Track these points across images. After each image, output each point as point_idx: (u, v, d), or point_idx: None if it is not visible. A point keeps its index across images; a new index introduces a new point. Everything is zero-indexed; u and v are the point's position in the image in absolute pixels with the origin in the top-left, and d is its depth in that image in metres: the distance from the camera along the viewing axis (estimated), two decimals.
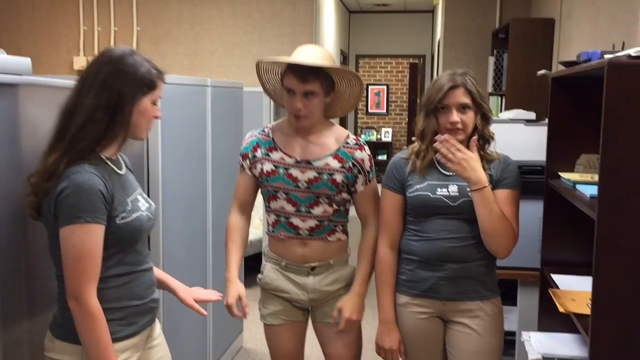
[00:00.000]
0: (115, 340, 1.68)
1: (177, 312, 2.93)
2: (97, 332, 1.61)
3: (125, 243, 1.71)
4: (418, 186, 2.13)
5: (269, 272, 2.33)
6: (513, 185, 2.12)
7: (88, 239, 1.59)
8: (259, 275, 2.37)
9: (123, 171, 1.80)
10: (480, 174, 2.01)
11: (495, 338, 2.14)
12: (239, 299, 2.24)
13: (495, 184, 2.10)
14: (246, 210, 2.37)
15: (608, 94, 1.66)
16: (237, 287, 2.26)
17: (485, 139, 2.16)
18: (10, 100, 1.77)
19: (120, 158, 1.83)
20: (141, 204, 1.79)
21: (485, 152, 2.16)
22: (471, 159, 2.01)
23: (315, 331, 2.38)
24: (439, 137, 2.05)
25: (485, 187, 2.00)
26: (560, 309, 2.04)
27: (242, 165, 2.32)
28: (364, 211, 2.30)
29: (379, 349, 2.25)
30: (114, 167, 1.75)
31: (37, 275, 1.86)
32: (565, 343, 2.50)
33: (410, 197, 2.14)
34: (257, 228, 5.27)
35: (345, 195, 2.26)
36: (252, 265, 5.64)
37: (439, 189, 2.10)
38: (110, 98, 1.66)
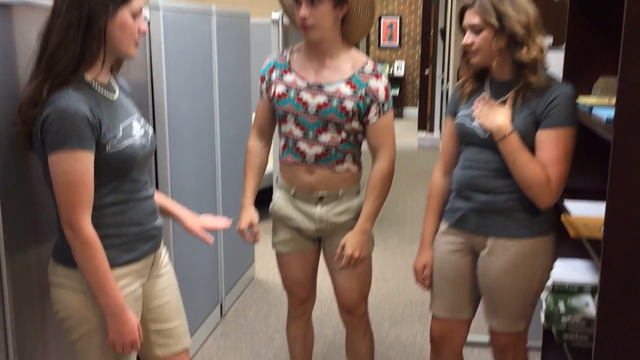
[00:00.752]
0: (114, 265, 1.68)
1: (187, 244, 2.95)
2: (94, 260, 1.60)
3: (118, 172, 1.67)
4: (461, 113, 2.08)
5: (279, 199, 2.33)
6: (558, 122, 1.90)
7: (77, 166, 1.56)
8: (271, 202, 2.37)
9: (115, 96, 1.73)
10: (499, 122, 1.90)
11: (520, 279, 2.01)
12: (251, 225, 2.25)
13: (536, 121, 1.92)
14: (265, 135, 2.34)
15: (628, 14, 1.58)
16: (250, 213, 2.27)
17: (520, 64, 1.95)
18: (4, 21, 1.71)
19: (113, 82, 1.76)
20: (135, 131, 1.72)
21: (528, 79, 1.94)
22: (492, 108, 1.93)
23: (325, 260, 2.38)
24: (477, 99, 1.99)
25: (506, 136, 1.90)
26: (572, 234, 2.00)
27: (260, 90, 2.29)
28: (375, 143, 2.21)
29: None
30: (105, 91, 1.69)
31: (42, 204, 1.84)
32: (576, 269, 2.49)
33: (455, 123, 2.11)
34: (271, 161, 5.23)
35: (355, 124, 2.18)
36: (262, 199, 5.70)
37: (475, 119, 2.03)
38: (82, 14, 1.57)
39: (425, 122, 9.55)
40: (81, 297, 1.68)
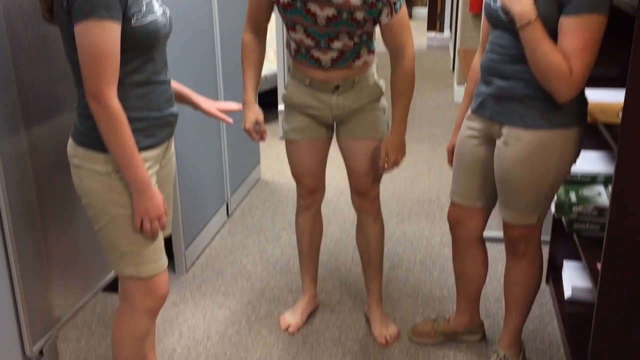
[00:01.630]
0: (138, 150, 1.66)
1: (191, 144, 2.89)
2: (120, 133, 1.59)
3: (143, 48, 1.64)
4: None
5: (292, 87, 2.26)
6: (583, 8, 1.71)
7: (104, 36, 1.53)
8: (284, 91, 2.30)
9: None
10: (522, 6, 1.74)
11: (532, 171, 1.90)
12: (257, 123, 2.19)
13: (560, 5, 1.76)
14: (260, 29, 2.22)
15: None
16: (254, 111, 2.20)
17: None
18: None
19: None
20: (156, 8, 1.69)
21: None
22: None
23: (340, 146, 2.33)
24: None
25: (530, 23, 1.74)
26: (588, 120, 1.92)
27: None
28: (392, 43, 2.09)
29: None
30: None
31: (58, 77, 1.77)
32: (588, 160, 2.42)
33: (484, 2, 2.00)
34: (272, 62, 5.09)
35: (368, 27, 2.08)
36: (268, 100, 5.63)
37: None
38: None
39: (435, 22, 9.25)
40: (105, 179, 1.66)
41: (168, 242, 2.88)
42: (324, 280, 2.87)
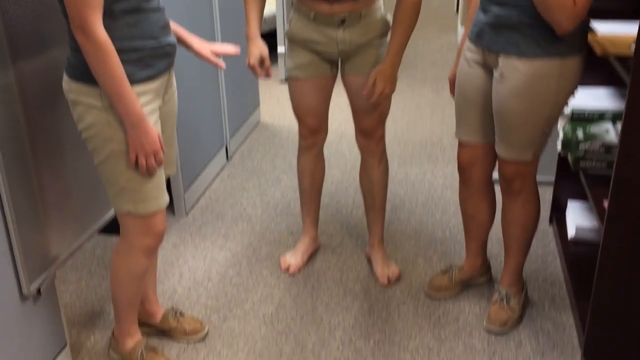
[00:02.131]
0: (134, 82, 1.61)
1: (188, 85, 2.82)
2: (109, 65, 1.52)
3: None
4: None
5: (297, 22, 2.18)
6: None
7: None
8: (288, 26, 2.22)
9: None
10: None
11: (528, 104, 1.84)
12: (262, 58, 2.11)
13: None
14: None
15: None
16: (259, 46, 2.12)
17: None
18: None
19: None
20: None
21: None
22: None
23: (345, 84, 2.26)
24: None
25: None
26: (599, 52, 1.84)
27: None
28: None
29: None
30: None
31: (45, 13, 1.69)
32: (596, 97, 2.36)
33: None
34: (271, 3, 4.95)
35: None
36: (267, 43, 5.47)
37: None
38: None
39: None
40: (102, 114, 1.61)
41: (167, 184, 2.84)
42: (325, 222, 2.85)
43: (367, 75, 2.17)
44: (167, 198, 1.79)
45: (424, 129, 3.87)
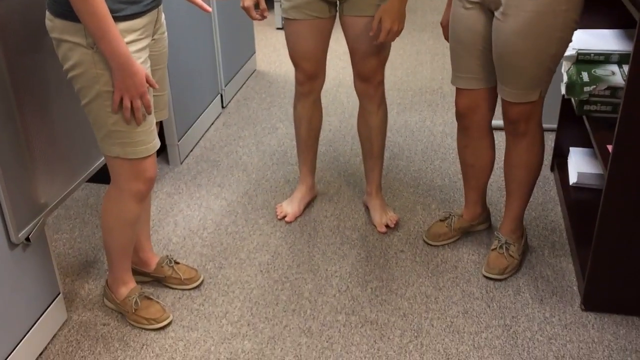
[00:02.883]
0: (121, 18, 1.53)
1: (181, 31, 2.72)
2: (91, 1, 1.44)
3: None
4: None
5: None
6: None
7: None
8: None
9: None
10: None
11: (534, 41, 1.76)
12: (256, 0, 2.03)
13: None
14: None
15: None
16: None
17: None
18: None
19: None
20: None
21: None
22: None
23: (343, 26, 2.16)
24: None
25: None
26: None
27: None
28: None
29: None
30: None
31: None
32: (602, 38, 2.27)
33: None
34: None
35: None
36: None
37: None
38: None
39: None
40: (88, 52, 1.54)
41: (160, 133, 2.78)
42: (322, 170, 2.80)
43: (369, 15, 2.07)
44: (157, 142, 1.73)
45: (424, 76, 3.78)
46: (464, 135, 2.13)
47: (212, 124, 3.25)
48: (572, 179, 2.47)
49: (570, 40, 1.83)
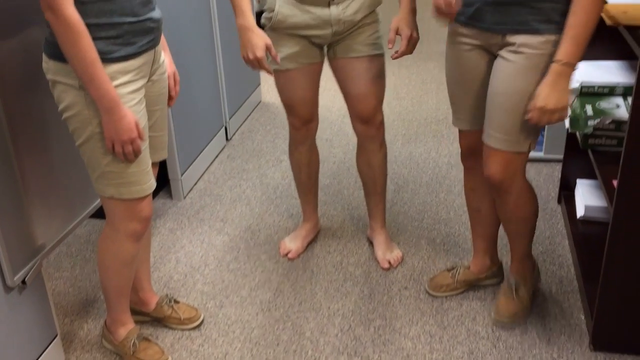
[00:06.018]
0: (113, 60, 1.54)
1: (185, 64, 2.72)
2: (79, 45, 1.45)
3: None
4: None
5: (282, 8, 2.01)
6: None
7: None
8: (267, 15, 2.06)
9: None
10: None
11: (534, 83, 1.66)
12: (268, 47, 1.92)
13: None
14: None
15: None
16: (261, 36, 1.92)
17: None
18: None
19: None
20: None
21: None
22: None
23: (336, 69, 2.14)
24: None
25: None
26: (608, 22, 1.74)
27: None
28: None
29: None
30: None
31: None
32: (606, 71, 2.24)
33: None
34: None
35: None
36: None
37: None
38: None
39: None
40: (80, 94, 1.54)
41: (163, 167, 2.78)
42: (326, 204, 2.77)
43: (365, 55, 2.06)
44: (153, 183, 1.71)
45: (429, 106, 3.76)
46: (470, 176, 2.05)
47: (217, 156, 3.24)
48: (580, 212, 2.43)
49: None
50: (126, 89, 1.57)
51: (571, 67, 1.61)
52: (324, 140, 3.36)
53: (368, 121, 2.19)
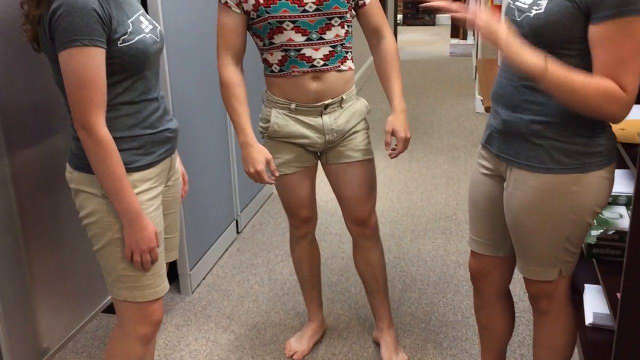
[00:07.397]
0: (134, 169, 1.63)
1: (198, 159, 2.82)
2: (108, 162, 1.54)
3: (132, 69, 1.60)
4: None
5: (276, 118, 2.09)
6: (619, 10, 1.39)
7: (88, 63, 1.49)
8: (263, 124, 2.14)
9: None
10: (527, 60, 1.44)
11: (541, 220, 1.64)
12: (268, 162, 2.00)
13: (586, 15, 1.44)
14: (240, 58, 2.05)
15: None
16: (262, 151, 2.00)
17: None
18: None
19: None
20: (144, 26, 1.65)
21: None
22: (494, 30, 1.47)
23: (329, 174, 2.21)
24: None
25: (543, 77, 1.44)
26: None
27: (224, 3, 1.96)
28: (376, 23, 2.10)
29: None
30: None
31: (43, 104, 1.71)
32: None
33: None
34: None
35: (352, 12, 2.04)
36: None
37: None
38: None
39: (458, 29, 9.09)
40: (102, 202, 1.62)
41: (173, 262, 2.80)
42: (332, 302, 2.76)
43: (357, 160, 2.13)
44: (166, 286, 1.76)
45: (439, 201, 3.80)
46: (478, 297, 2.02)
47: (226, 250, 3.27)
48: (588, 319, 2.40)
49: (591, 224, 1.69)
50: (146, 196, 1.65)
51: None
52: (333, 235, 3.39)
53: (364, 223, 2.24)
